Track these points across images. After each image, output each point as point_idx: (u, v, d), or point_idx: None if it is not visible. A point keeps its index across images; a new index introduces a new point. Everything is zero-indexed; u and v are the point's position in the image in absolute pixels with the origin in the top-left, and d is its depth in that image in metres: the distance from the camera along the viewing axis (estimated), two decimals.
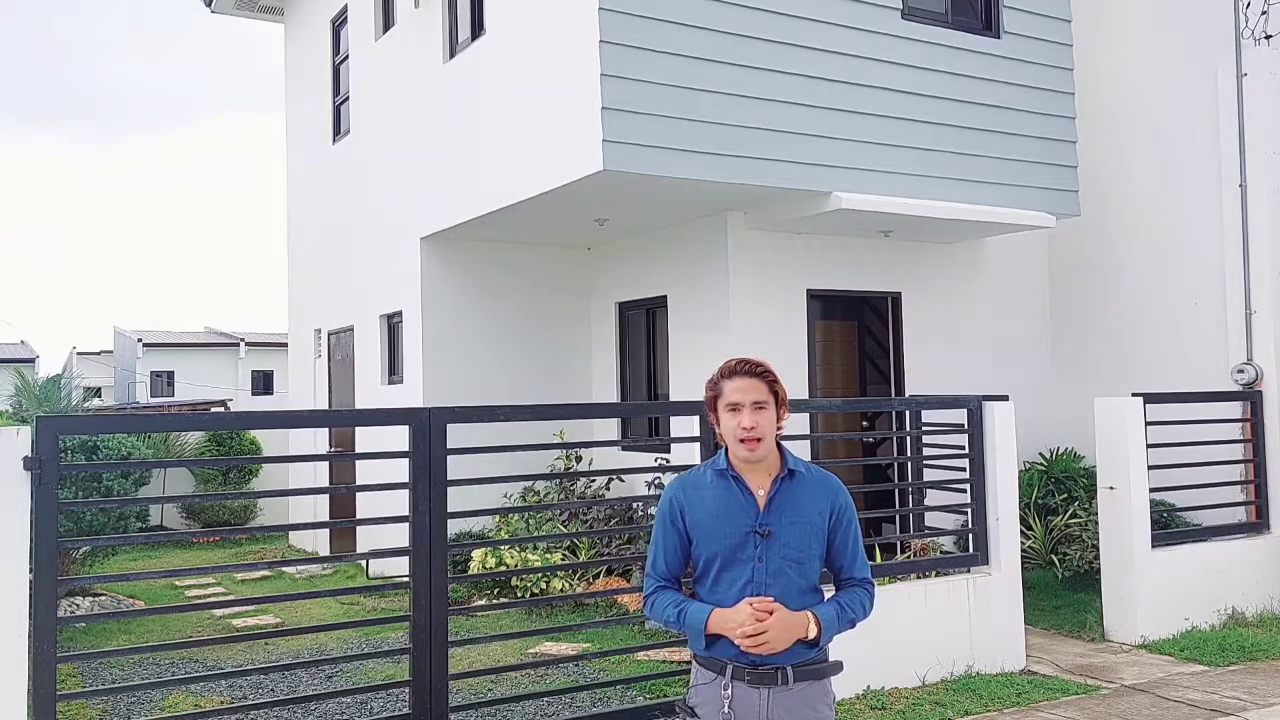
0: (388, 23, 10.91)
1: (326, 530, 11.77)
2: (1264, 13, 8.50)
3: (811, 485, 3.04)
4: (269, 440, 15.39)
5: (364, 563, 10.40)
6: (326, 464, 11.60)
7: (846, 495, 3.10)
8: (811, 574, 3.01)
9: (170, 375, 33.54)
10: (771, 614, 2.86)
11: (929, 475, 8.01)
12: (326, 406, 12.46)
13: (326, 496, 11.76)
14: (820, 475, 3.10)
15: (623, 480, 9.41)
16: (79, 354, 35.55)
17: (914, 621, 6.37)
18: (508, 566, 8.18)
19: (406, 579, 4.99)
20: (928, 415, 7.71)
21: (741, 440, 2.98)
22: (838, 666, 3.01)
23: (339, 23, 12.31)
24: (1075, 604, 8.13)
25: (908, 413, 7.66)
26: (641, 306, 10.22)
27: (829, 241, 9.31)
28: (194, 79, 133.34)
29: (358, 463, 10.17)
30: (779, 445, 3.07)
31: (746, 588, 2.93)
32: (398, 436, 4.96)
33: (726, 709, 2.88)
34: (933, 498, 7.78)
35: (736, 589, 2.94)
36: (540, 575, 8.26)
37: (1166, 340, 9.38)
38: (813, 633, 2.92)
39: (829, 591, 3.12)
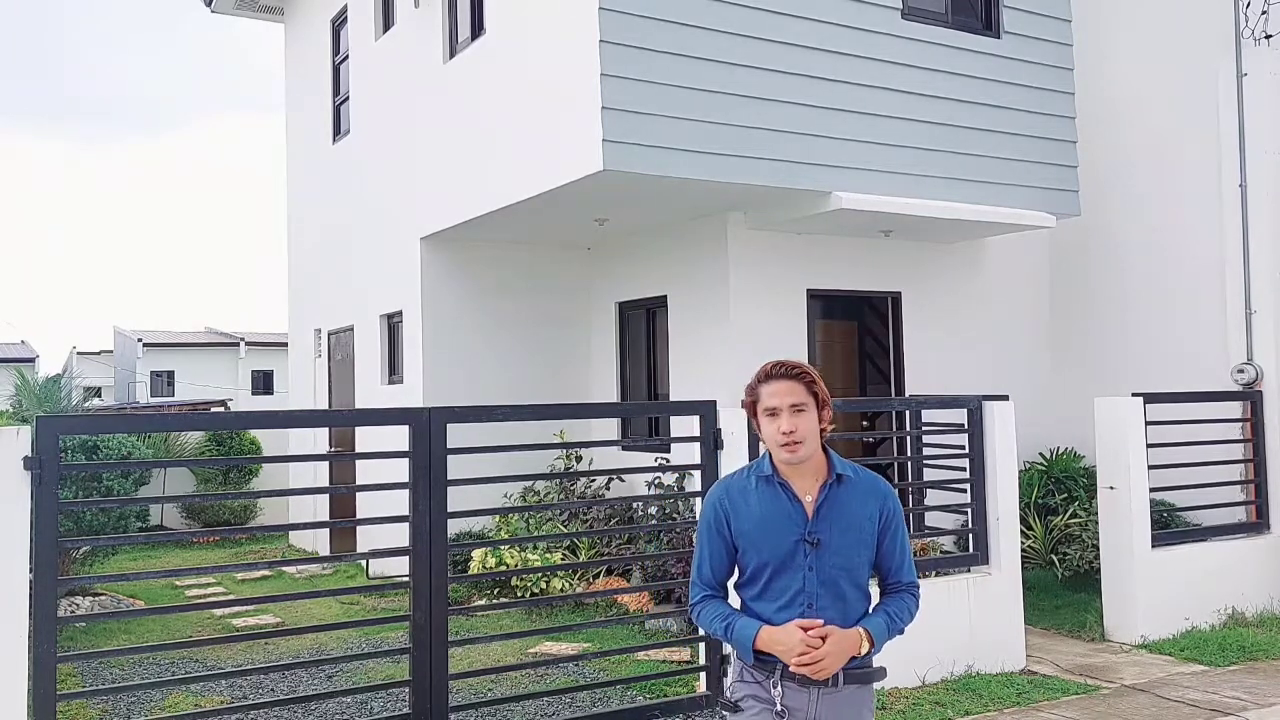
0: (388, 23, 10.91)
1: (326, 530, 11.78)
2: (1264, 13, 8.50)
3: (860, 489, 2.99)
4: (269, 440, 15.39)
5: (364, 563, 10.40)
6: (326, 464, 11.60)
7: (895, 498, 3.05)
8: (861, 579, 2.99)
9: (170, 375, 33.50)
10: (825, 637, 2.83)
11: (929, 475, 8.02)
12: (326, 406, 12.46)
13: (326, 496, 11.76)
14: (869, 478, 3.03)
15: (623, 480, 9.42)
16: (79, 354, 35.53)
17: (914, 621, 6.35)
18: (508, 566, 8.18)
19: (406, 579, 5.00)
20: (928, 415, 7.72)
21: (783, 445, 2.92)
22: (882, 672, 3.02)
23: (339, 23, 12.31)
24: (1075, 604, 8.13)
25: (908, 412, 7.67)
26: (641, 306, 10.22)
27: (829, 241, 9.31)
28: (194, 79, 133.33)
29: (358, 463, 10.16)
30: (824, 448, 3.01)
31: (798, 597, 2.90)
32: (398, 436, 4.96)
33: (780, 706, 2.87)
34: (933, 497, 7.79)
35: (786, 598, 2.91)
36: (540, 575, 8.26)
37: (1166, 340, 9.38)
38: (865, 649, 2.91)
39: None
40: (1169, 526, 8.44)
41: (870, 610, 3.01)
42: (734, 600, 3.06)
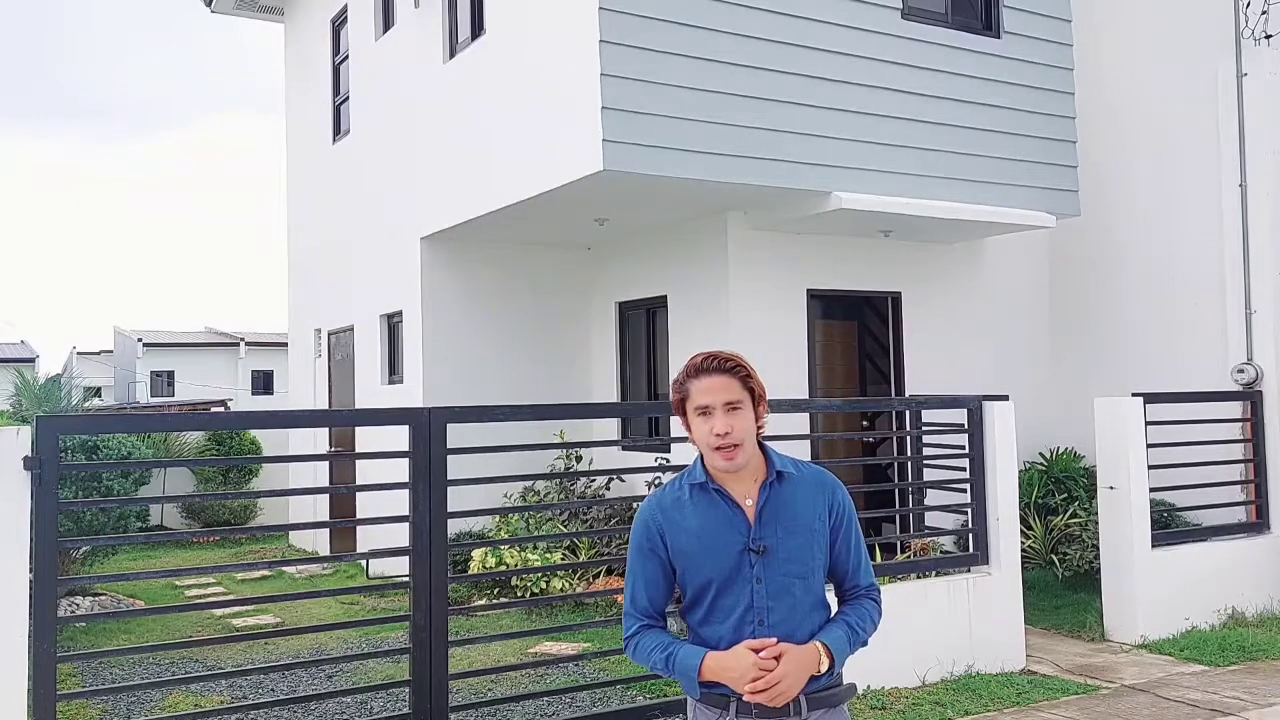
0: (388, 23, 10.90)
1: (326, 530, 11.77)
2: (1264, 13, 8.50)
3: (805, 486, 2.69)
4: (269, 440, 15.38)
5: (364, 563, 10.39)
6: (326, 464, 11.61)
7: (844, 492, 2.74)
8: (817, 587, 2.67)
9: (170, 375, 33.52)
10: (779, 657, 2.52)
11: (929, 475, 8.00)
12: (326, 406, 12.46)
13: (326, 496, 11.76)
14: (813, 473, 2.74)
15: (623, 480, 9.41)
16: (79, 354, 35.53)
17: (914, 621, 6.37)
18: (508, 566, 8.18)
19: (406, 579, 4.99)
20: (928, 415, 7.70)
21: (716, 449, 2.60)
22: (852, 690, 2.71)
23: (339, 23, 12.31)
24: (1075, 604, 8.13)
25: (908, 412, 7.66)
26: (641, 306, 10.22)
27: (829, 241, 9.31)
28: (194, 79, 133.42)
29: (358, 463, 10.17)
30: (762, 446, 2.70)
31: (746, 614, 2.59)
32: (398, 436, 4.96)
33: None
34: (933, 497, 7.78)
35: (734, 617, 2.60)
36: (540, 575, 8.26)
37: (1166, 340, 9.38)
38: (824, 666, 2.59)
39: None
40: (1169, 526, 8.44)
41: (828, 621, 2.71)
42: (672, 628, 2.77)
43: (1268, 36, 8.52)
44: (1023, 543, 7.97)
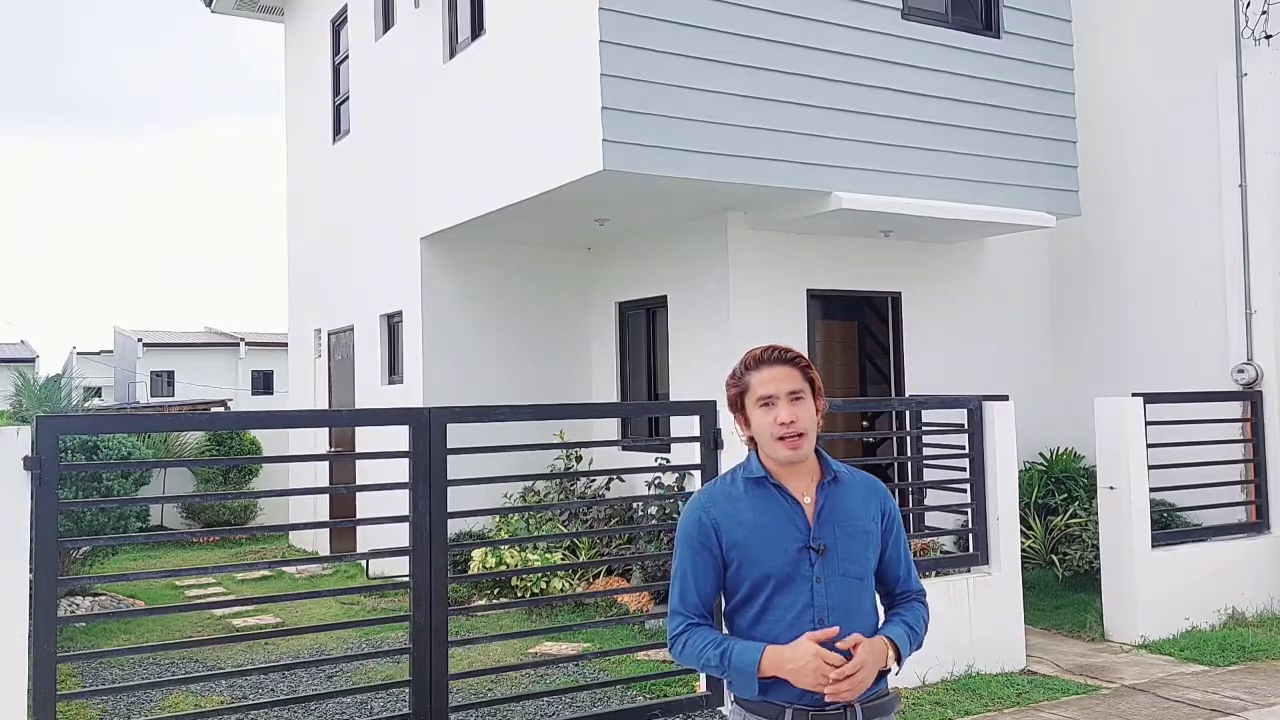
0: (388, 23, 10.91)
1: (326, 530, 11.77)
2: (1264, 13, 8.50)
3: (858, 489, 2.68)
4: (269, 440, 15.39)
5: (364, 563, 10.39)
6: (326, 464, 11.60)
7: (894, 499, 2.76)
8: (871, 589, 2.65)
9: (170, 375, 33.52)
10: (856, 647, 2.45)
11: (929, 475, 8.01)
12: (326, 406, 12.46)
13: (326, 496, 11.76)
14: (863, 478, 2.73)
15: (623, 480, 9.41)
16: (79, 354, 35.53)
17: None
18: (508, 566, 8.18)
19: (406, 579, 5.00)
20: (928, 415, 7.72)
21: (781, 439, 2.55)
22: (897, 700, 2.66)
23: (339, 23, 12.31)
24: (1075, 604, 8.13)
25: (908, 412, 7.67)
26: (641, 306, 10.22)
27: (829, 241, 9.31)
28: (194, 80, 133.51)
29: (358, 463, 10.17)
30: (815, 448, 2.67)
31: (805, 613, 2.52)
32: (398, 436, 4.96)
33: None
34: (933, 497, 7.79)
35: (792, 615, 2.52)
36: (540, 575, 8.26)
37: (1166, 340, 9.38)
38: (891, 662, 2.55)
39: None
40: (1169, 526, 8.44)
41: (879, 623, 2.67)
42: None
43: (1268, 36, 8.52)
44: (1023, 543, 7.97)
